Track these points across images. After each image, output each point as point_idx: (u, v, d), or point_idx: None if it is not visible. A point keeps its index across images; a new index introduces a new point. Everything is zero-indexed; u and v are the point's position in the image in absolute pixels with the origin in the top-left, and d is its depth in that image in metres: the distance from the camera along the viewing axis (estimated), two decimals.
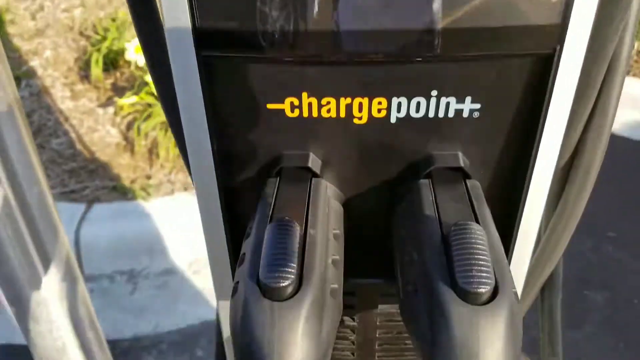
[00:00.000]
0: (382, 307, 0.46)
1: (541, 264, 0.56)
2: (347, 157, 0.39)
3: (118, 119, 2.58)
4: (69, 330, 1.07)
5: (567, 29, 0.33)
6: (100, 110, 2.62)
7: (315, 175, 0.39)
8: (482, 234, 0.33)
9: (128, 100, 2.47)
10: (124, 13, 2.87)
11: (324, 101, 0.36)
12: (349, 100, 0.36)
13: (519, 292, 0.50)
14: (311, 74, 0.35)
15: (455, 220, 0.34)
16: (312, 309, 0.31)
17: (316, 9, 0.33)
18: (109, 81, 2.71)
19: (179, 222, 2.21)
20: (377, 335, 0.47)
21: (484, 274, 0.31)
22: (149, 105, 2.51)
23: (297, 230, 0.34)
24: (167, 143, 2.44)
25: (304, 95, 0.36)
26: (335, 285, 0.35)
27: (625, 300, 2.09)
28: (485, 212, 0.37)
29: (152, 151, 2.48)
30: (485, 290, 0.30)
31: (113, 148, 2.50)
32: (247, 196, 0.41)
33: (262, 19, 0.33)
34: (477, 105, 0.36)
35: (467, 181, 0.39)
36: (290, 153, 0.39)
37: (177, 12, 0.33)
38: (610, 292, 2.12)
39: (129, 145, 2.50)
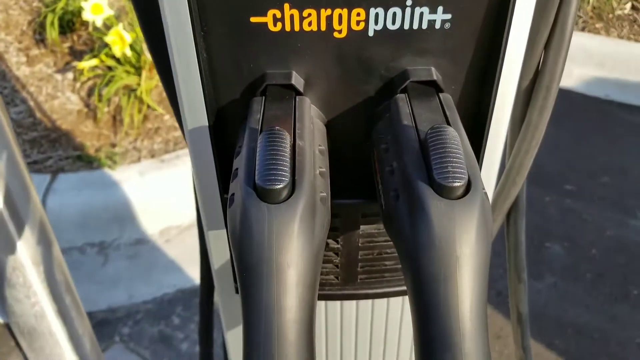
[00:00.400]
0: (363, 228, 0.48)
1: (507, 188, 0.59)
2: (328, 75, 0.40)
3: (78, 85, 2.46)
4: (45, 295, 1.04)
5: None
6: (58, 76, 2.49)
7: (299, 93, 0.40)
8: (456, 135, 0.35)
9: (88, 63, 2.34)
10: None
11: (305, 13, 0.37)
12: (329, 11, 0.37)
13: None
14: None
15: (431, 126, 0.36)
16: (305, 211, 0.33)
17: None
18: (66, 45, 2.57)
19: (147, 190, 2.14)
20: (359, 257, 0.49)
21: (458, 170, 0.33)
22: (110, 68, 2.39)
23: (288, 138, 0.35)
24: (131, 109, 2.34)
25: (286, 6, 0.37)
26: (324, 194, 0.36)
27: (584, 251, 2.14)
28: (458, 121, 0.39)
29: (116, 118, 2.38)
30: (459, 184, 0.33)
31: (75, 115, 2.39)
32: (233, 117, 0.42)
33: None
34: (448, 16, 0.38)
35: (440, 94, 0.41)
36: (274, 71, 0.40)
37: None
38: (570, 243, 2.17)
39: (91, 112, 2.39)
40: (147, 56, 2.35)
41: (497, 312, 1.88)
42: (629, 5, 3.26)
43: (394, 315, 0.54)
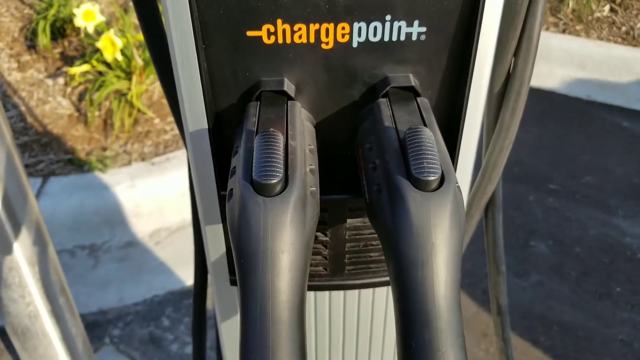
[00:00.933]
0: (350, 222, 0.50)
1: (483, 184, 0.61)
2: (316, 82, 0.44)
3: (69, 90, 2.42)
4: (40, 295, 1.04)
5: None
6: (49, 81, 2.45)
7: (290, 98, 0.43)
8: (431, 135, 0.38)
9: (79, 68, 2.30)
10: None
11: (295, 27, 0.41)
12: (317, 25, 0.41)
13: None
14: (284, 1, 0.40)
15: (409, 127, 0.39)
16: (297, 203, 0.36)
17: None
18: (57, 50, 2.53)
19: (137, 193, 2.11)
20: (346, 249, 0.51)
21: (433, 166, 0.36)
22: (101, 73, 2.36)
23: (281, 139, 0.38)
24: (121, 113, 2.30)
25: (279, 22, 0.40)
26: (314, 188, 0.39)
27: (568, 249, 2.12)
28: (434, 122, 0.42)
29: (107, 122, 2.34)
30: (434, 178, 0.36)
31: (66, 120, 2.35)
32: (230, 120, 0.45)
33: None
34: (423, 29, 0.42)
35: (418, 98, 0.44)
36: (268, 79, 0.43)
37: None
38: (554, 242, 2.15)
39: (82, 117, 2.36)
40: (138, 61, 2.31)
41: (483, 310, 1.86)
42: (607, 8, 3.26)
43: (379, 304, 0.57)
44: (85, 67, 2.34)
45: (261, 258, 0.35)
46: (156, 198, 2.12)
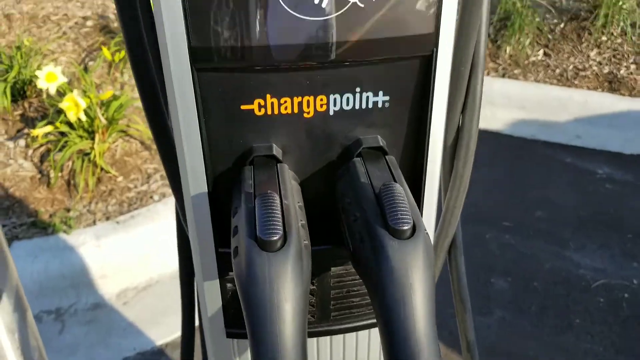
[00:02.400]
0: (334, 270, 0.54)
1: (444, 228, 0.66)
2: (300, 146, 0.49)
3: (30, 152, 2.32)
4: None
5: (439, 35, 0.45)
6: (10, 144, 2.35)
7: (279, 161, 0.48)
8: (401, 190, 0.44)
9: (42, 130, 2.22)
10: (30, 40, 2.58)
11: (282, 100, 0.46)
12: (300, 98, 0.46)
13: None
14: (273, 80, 0.45)
15: (383, 183, 0.45)
16: (295, 256, 0.40)
17: (273, 32, 0.43)
18: (18, 112, 2.43)
19: (103, 253, 2.00)
20: (331, 296, 0.55)
21: (406, 217, 0.42)
22: (63, 134, 2.27)
23: (278, 200, 0.43)
24: (85, 173, 2.21)
25: (268, 96, 0.46)
26: (307, 242, 0.44)
27: (526, 284, 2.12)
28: (401, 177, 0.48)
29: (70, 182, 2.24)
30: (407, 227, 0.42)
31: (28, 182, 2.24)
32: (227, 183, 0.49)
33: (240, 39, 0.43)
34: (387, 97, 0.48)
35: (386, 157, 0.50)
36: (259, 145, 0.48)
37: (176, 33, 0.42)
38: (512, 277, 2.14)
39: (45, 178, 2.25)
40: (101, 120, 2.24)
41: (452, 352, 1.82)
42: (541, 52, 3.37)
43: (362, 347, 0.60)
44: (49, 128, 2.26)
45: (269, 308, 0.39)
46: (122, 257, 2.02)
